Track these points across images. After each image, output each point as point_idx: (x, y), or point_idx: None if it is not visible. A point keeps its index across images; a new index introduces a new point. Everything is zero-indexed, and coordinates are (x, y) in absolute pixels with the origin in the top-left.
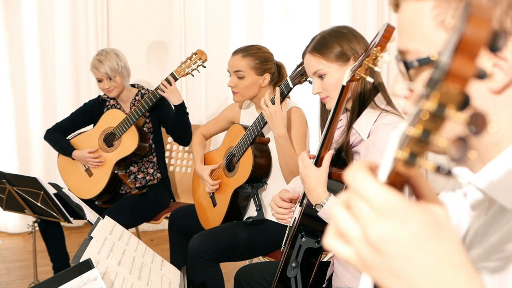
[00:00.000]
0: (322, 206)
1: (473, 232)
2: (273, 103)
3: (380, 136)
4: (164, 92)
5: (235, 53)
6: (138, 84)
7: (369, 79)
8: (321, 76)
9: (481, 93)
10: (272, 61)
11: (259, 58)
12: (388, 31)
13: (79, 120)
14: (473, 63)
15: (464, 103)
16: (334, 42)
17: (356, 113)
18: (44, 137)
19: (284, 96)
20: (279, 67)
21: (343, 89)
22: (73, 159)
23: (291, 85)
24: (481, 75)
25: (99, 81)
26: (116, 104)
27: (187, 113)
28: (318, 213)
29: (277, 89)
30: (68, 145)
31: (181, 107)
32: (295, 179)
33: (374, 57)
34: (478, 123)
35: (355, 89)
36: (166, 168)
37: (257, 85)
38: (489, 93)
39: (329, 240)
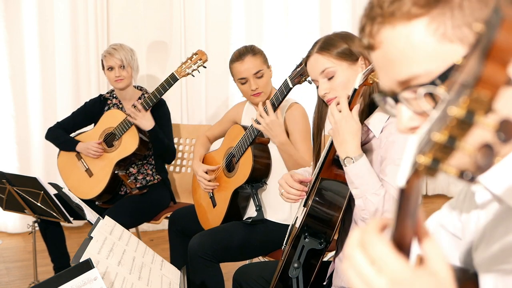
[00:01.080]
0: (353, 162)
1: (481, 231)
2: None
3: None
4: (135, 119)
5: (243, 56)
6: (143, 87)
7: None
8: (330, 76)
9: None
10: None
11: (262, 53)
12: None
13: (80, 119)
14: (505, 70)
15: (492, 110)
16: (341, 41)
17: (366, 113)
18: (46, 135)
19: (284, 96)
20: None
21: (355, 92)
22: (77, 151)
23: (290, 85)
24: (510, 82)
25: (110, 69)
26: (118, 104)
27: (160, 138)
28: (345, 168)
29: (268, 101)
30: (71, 139)
31: (153, 131)
32: (304, 169)
33: None
34: (507, 130)
35: (369, 90)
36: (166, 171)
37: (270, 79)
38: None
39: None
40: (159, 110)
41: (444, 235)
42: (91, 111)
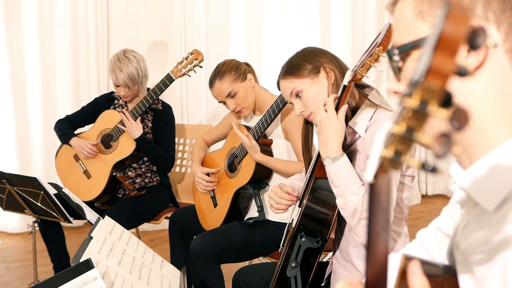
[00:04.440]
0: (333, 162)
1: (462, 228)
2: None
3: (380, 129)
4: (125, 126)
5: (211, 84)
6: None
7: (370, 79)
8: (298, 95)
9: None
10: (240, 62)
11: (231, 69)
12: (390, 31)
13: (88, 114)
14: (453, 59)
15: (446, 99)
16: (300, 60)
17: (350, 115)
18: (54, 126)
19: (275, 114)
20: (248, 65)
21: (345, 88)
22: (74, 151)
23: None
24: (462, 72)
25: (116, 85)
26: (124, 105)
27: (147, 149)
28: (326, 167)
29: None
30: (70, 132)
31: (138, 141)
32: (294, 177)
33: (376, 57)
34: (460, 118)
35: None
36: (167, 176)
37: (250, 89)
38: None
39: None
40: (165, 116)
41: (440, 237)
42: (100, 107)
